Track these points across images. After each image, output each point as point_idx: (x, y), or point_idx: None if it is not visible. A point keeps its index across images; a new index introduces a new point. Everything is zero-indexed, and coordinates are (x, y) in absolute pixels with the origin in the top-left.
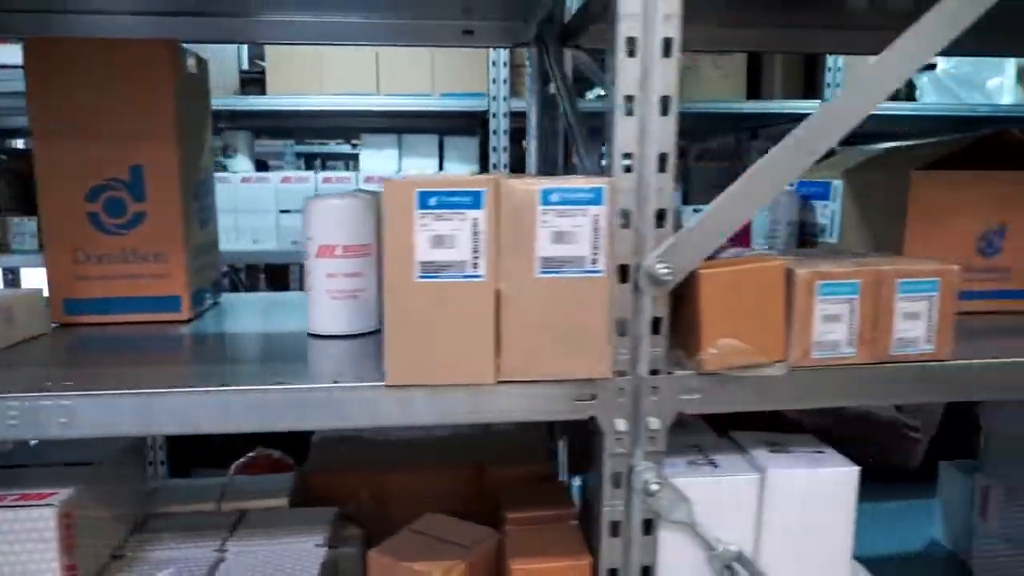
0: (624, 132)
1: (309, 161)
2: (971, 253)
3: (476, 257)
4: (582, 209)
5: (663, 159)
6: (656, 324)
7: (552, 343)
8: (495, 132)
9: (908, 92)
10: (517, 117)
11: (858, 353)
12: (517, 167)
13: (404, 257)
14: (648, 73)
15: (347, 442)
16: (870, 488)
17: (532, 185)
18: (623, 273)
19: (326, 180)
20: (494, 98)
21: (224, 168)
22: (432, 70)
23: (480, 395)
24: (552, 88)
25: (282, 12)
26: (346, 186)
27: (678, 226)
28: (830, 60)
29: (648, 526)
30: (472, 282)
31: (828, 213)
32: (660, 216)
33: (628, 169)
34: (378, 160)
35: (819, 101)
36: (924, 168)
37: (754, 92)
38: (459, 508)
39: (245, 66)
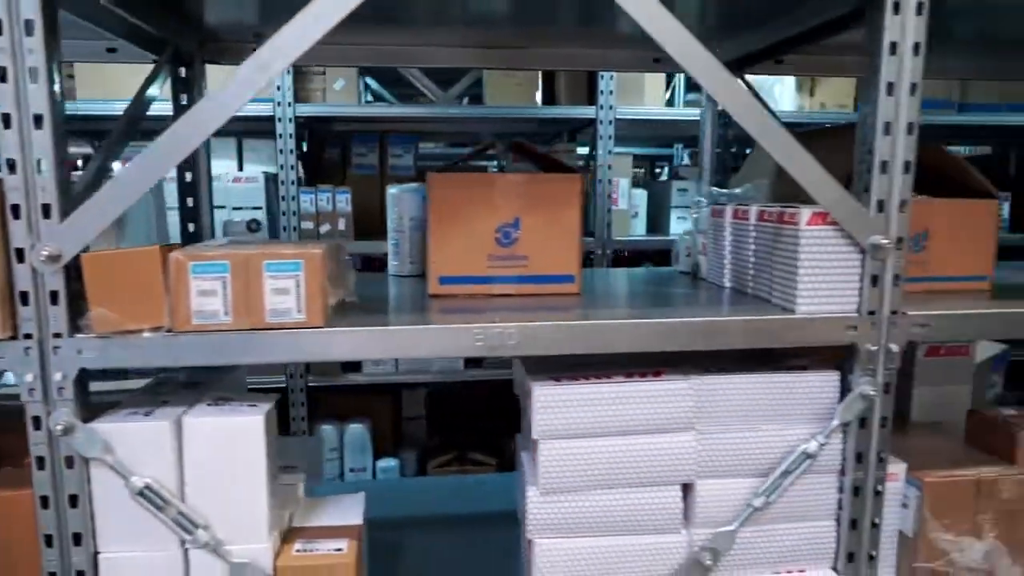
0: (7, 142)
1: None
2: (491, 243)
3: None
4: None
5: (40, 163)
6: (55, 296)
7: None
8: (281, 136)
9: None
10: (316, 122)
11: (235, 320)
12: (310, 166)
13: None
14: (22, 96)
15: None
16: None
17: None
18: (21, 255)
19: None
20: (279, 103)
21: None
22: None
23: None
24: None
25: None
26: None
27: None
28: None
29: (71, 461)
30: None
31: None
32: (46, 209)
33: (13, 171)
34: None
35: (595, 106)
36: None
37: (551, 99)
38: None
39: None
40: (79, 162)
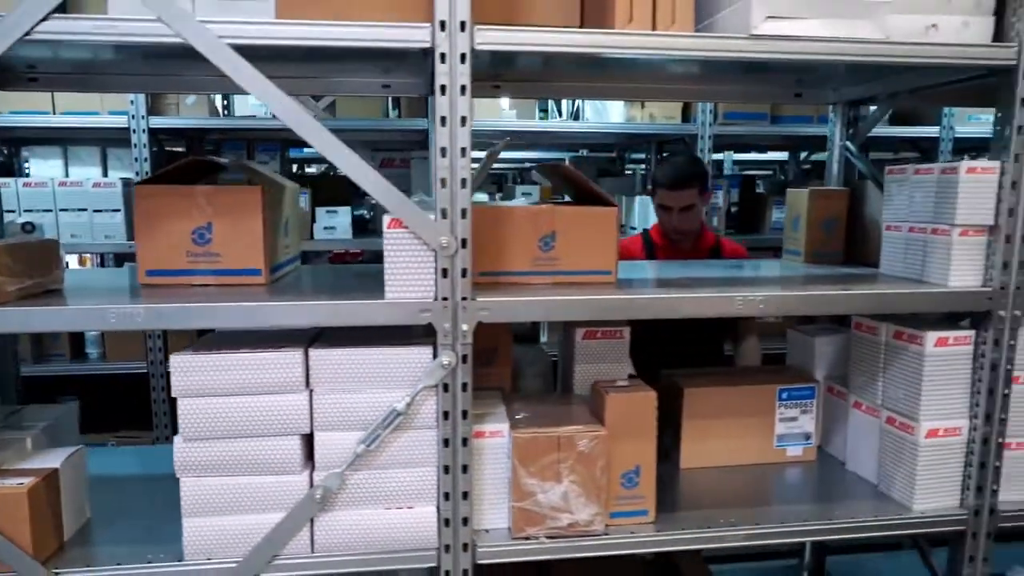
0: None
1: None
2: (188, 242)
3: None
4: None
5: None
6: None
7: None
8: (136, 145)
9: (576, 113)
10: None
11: None
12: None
13: None
14: None
15: None
16: None
17: None
18: None
19: None
20: (133, 116)
21: None
22: None
23: None
24: None
25: None
26: None
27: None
28: None
29: None
30: None
31: None
32: None
33: None
34: (44, 168)
35: (426, 119)
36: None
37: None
38: None
39: None
40: None
